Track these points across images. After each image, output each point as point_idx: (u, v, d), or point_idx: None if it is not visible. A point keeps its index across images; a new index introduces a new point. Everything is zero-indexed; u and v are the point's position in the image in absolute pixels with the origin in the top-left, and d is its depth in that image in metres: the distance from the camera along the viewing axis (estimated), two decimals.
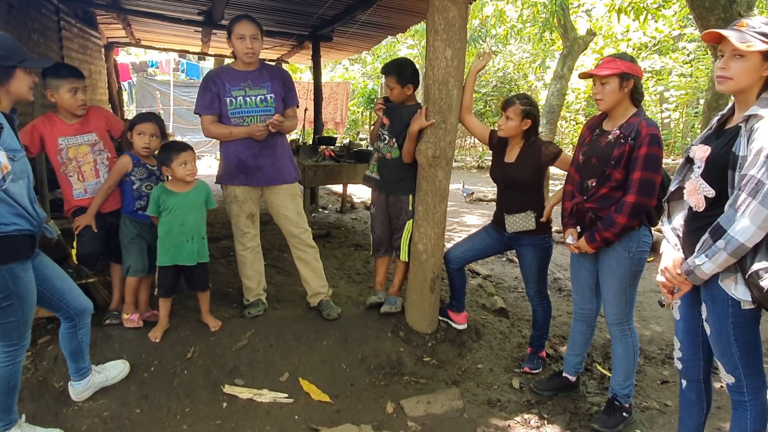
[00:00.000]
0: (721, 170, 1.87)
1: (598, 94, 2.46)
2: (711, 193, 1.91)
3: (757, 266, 1.71)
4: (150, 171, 3.05)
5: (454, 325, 3.38)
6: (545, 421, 2.69)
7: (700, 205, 1.96)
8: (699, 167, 1.96)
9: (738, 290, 1.82)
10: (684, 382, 2.24)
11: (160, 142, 3.07)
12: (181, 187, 2.99)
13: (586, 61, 11.88)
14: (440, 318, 3.40)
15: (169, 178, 3.00)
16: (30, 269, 2.17)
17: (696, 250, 1.86)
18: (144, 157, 3.03)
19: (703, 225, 1.91)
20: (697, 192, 1.96)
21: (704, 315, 1.99)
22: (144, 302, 3.23)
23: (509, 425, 2.64)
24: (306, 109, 8.33)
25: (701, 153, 1.96)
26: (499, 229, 3.07)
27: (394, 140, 3.31)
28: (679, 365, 2.23)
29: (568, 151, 2.78)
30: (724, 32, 1.82)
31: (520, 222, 2.92)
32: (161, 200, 2.94)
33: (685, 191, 2.04)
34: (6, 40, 2.08)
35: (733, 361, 1.94)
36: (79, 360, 2.54)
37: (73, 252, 2.92)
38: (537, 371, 3.12)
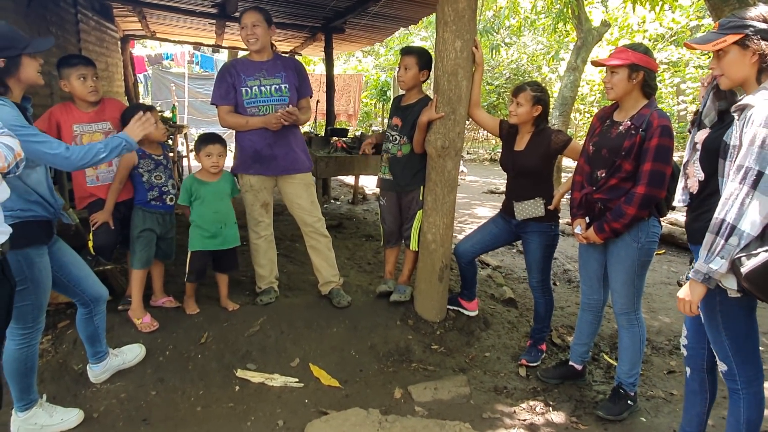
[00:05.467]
0: (713, 155, 1.89)
1: (608, 83, 2.48)
2: (701, 176, 1.96)
3: (740, 253, 1.71)
4: (157, 161, 3.09)
5: (465, 312, 3.42)
6: (550, 408, 2.73)
7: (694, 189, 2.01)
8: (698, 151, 2.00)
9: (725, 279, 1.81)
10: (688, 370, 2.26)
11: (159, 127, 3.04)
12: (209, 177, 3.14)
13: (601, 53, 11.76)
14: (451, 307, 3.43)
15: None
16: (45, 255, 2.22)
17: (705, 254, 1.77)
18: (147, 146, 3.05)
19: (703, 212, 1.94)
20: (694, 175, 2.01)
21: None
22: (159, 288, 3.31)
23: (515, 411, 2.69)
24: (318, 101, 8.35)
25: (700, 136, 2.00)
26: (507, 218, 3.10)
27: (405, 138, 3.33)
28: (684, 352, 2.26)
29: (582, 143, 2.79)
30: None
31: (529, 209, 2.94)
32: (193, 189, 3.10)
33: (686, 175, 2.08)
34: (4, 28, 2.03)
35: (723, 350, 1.97)
36: (96, 344, 2.63)
37: (90, 243, 2.98)
38: (535, 364, 3.12)
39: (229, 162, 3.16)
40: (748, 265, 1.68)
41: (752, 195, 1.68)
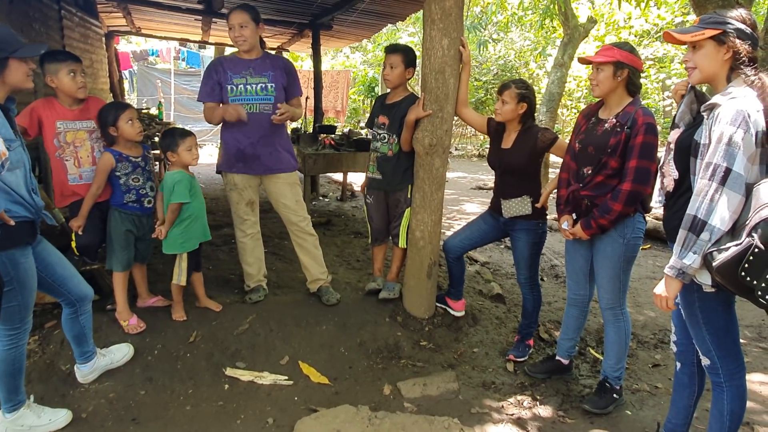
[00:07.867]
0: (686, 154, 1.94)
1: (594, 80, 2.52)
2: (675, 174, 2.00)
3: (711, 248, 1.76)
4: (134, 164, 2.98)
5: (452, 312, 3.44)
6: (538, 403, 2.76)
7: (670, 187, 2.06)
8: (672, 150, 2.05)
9: (700, 274, 1.86)
10: (678, 365, 2.30)
11: (135, 126, 2.98)
12: (189, 172, 3.09)
13: (588, 49, 11.82)
14: (438, 305, 3.46)
15: (169, 164, 3.08)
16: (30, 255, 2.20)
17: (679, 250, 1.84)
18: (135, 145, 2.99)
19: (678, 210, 1.98)
20: (670, 174, 2.05)
21: (677, 299, 2.05)
22: (144, 291, 3.28)
23: (502, 406, 2.72)
24: (307, 98, 8.32)
25: (673, 136, 2.05)
26: (495, 216, 3.13)
27: (394, 137, 3.33)
28: (674, 348, 2.30)
29: (568, 139, 2.82)
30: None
31: (516, 207, 2.97)
32: (192, 184, 3.06)
33: (662, 174, 2.12)
34: None
35: (705, 345, 2.01)
36: (82, 344, 2.61)
37: (73, 244, 2.95)
38: (522, 359, 3.16)
39: (211, 159, 3.13)
40: (719, 260, 1.73)
41: (721, 191, 1.74)
